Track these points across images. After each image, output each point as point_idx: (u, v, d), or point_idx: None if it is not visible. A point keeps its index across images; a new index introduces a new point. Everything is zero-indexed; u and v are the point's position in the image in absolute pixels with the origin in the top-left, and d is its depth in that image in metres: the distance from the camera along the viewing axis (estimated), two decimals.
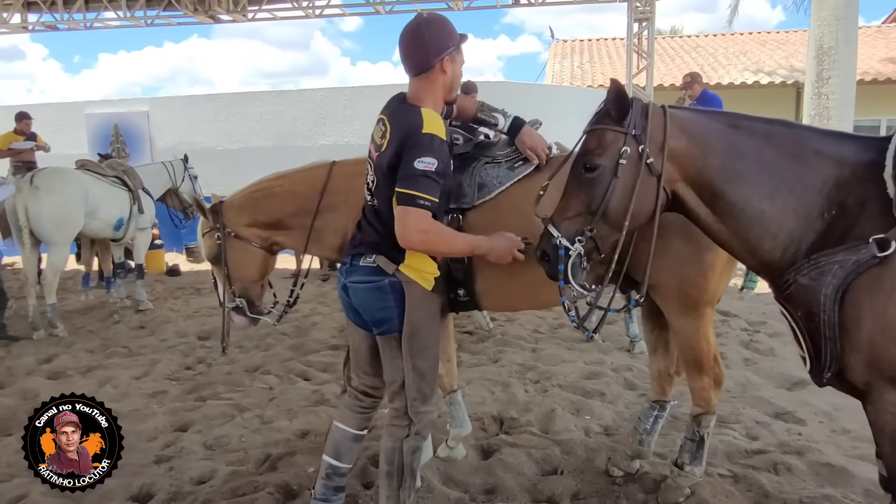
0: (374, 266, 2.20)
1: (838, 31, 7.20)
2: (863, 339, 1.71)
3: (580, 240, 1.92)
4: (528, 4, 11.34)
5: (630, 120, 1.91)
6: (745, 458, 3.16)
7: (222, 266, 2.87)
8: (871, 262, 1.68)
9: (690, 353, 2.57)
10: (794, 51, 14.84)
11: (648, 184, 1.91)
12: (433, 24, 2.15)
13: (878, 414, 1.77)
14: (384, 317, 2.22)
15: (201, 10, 11.10)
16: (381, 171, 2.16)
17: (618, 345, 5.20)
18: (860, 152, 1.84)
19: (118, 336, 5.89)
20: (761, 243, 1.89)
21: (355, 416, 2.50)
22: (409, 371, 2.23)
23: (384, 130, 2.18)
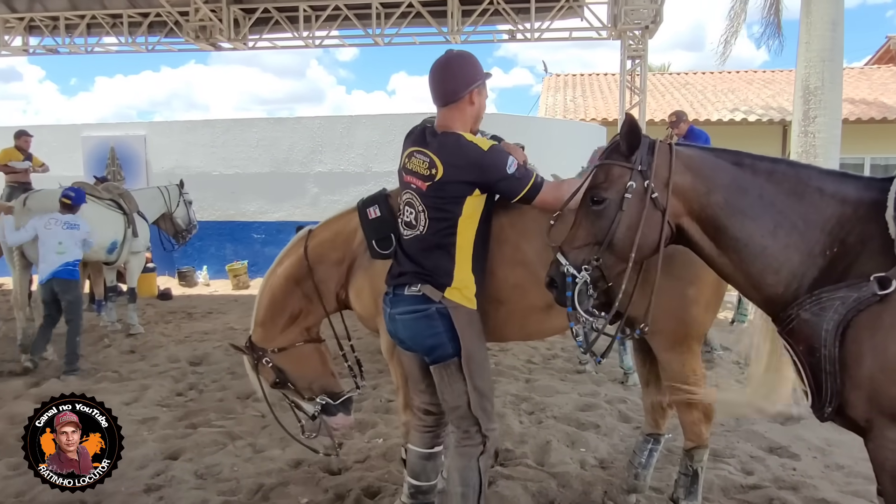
0: (419, 295, 2.25)
1: (824, 72, 7.35)
2: (863, 376, 1.72)
3: (587, 268, 1.96)
4: (524, 40, 11.54)
5: (637, 156, 1.96)
6: (741, 493, 3.14)
7: (285, 387, 2.90)
8: (871, 299, 1.69)
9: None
10: (780, 90, 15.16)
11: (653, 217, 1.95)
12: (463, 58, 2.30)
13: (878, 451, 1.76)
14: (435, 343, 2.26)
15: (203, 38, 11.20)
16: (440, 198, 2.23)
17: (611, 376, 5.18)
18: (861, 191, 1.87)
19: (108, 360, 5.81)
20: (764, 278, 1.91)
21: (422, 435, 2.56)
22: (472, 392, 2.26)
23: (429, 162, 2.23)
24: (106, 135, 11.41)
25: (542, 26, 11.29)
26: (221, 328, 7.24)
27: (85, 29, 11.98)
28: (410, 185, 2.31)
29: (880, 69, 16.79)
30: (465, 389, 2.25)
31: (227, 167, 11.22)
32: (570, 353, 5.84)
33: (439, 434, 2.57)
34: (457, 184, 2.21)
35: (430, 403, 2.48)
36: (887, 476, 1.74)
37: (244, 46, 11.91)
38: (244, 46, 11.91)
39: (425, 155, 2.26)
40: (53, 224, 5.41)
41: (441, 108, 2.30)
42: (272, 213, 11.19)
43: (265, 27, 11.69)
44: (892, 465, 1.72)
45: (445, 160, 2.21)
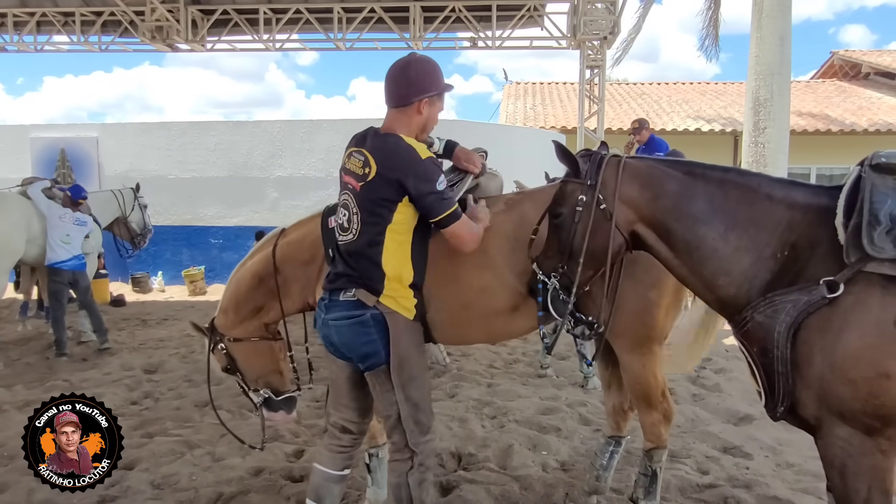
0: (353, 300, 2.19)
1: (773, 84, 7.64)
2: (813, 376, 1.78)
3: (555, 275, 2.13)
4: (486, 47, 11.63)
5: (585, 171, 2.12)
6: (697, 492, 3.21)
7: (236, 373, 2.90)
8: (821, 302, 1.76)
9: (639, 388, 2.62)
10: (732, 101, 15.66)
11: (604, 226, 2.08)
12: (423, 65, 2.25)
13: (827, 448, 1.82)
14: (369, 351, 2.20)
15: (159, 38, 10.94)
16: (370, 199, 2.17)
17: (571, 380, 5.25)
18: (811, 198, 1.94)
19: (59, 369, 5.60)
20: (716, 279, 1.99)
21: (334, 455, 2.40)
22: (403, 402, 2.20)
23: (363, 160, 2.19)
24: (56, 136, 11.03)
25: (503, 34, 11.41)
26: (177, 335, 7.06)
27: (35, 27, 11.56)
28: (347, 185, 2.25)
29: (825, 83, 17.51)
30: (394, 399, 2.20)
31: (184, 171, 10.97)
32: (532, 358, 5.89)
33: (353, 455, 2.45)
34: (387, 185, 2.14)
35: (350, 421, 2.39)
36: (836, 472, 1.81)
37: (202, 48, 11.68)
38: (202, 48, 11.68)
39: (361, 154, 2.21)
40: (67, 218, 6.05)
41: (390, 108, 2.26)
42: (230, 217, 10.98)
43: (224, 29, 11.49)
44: (841, 461, 1.79)
45: (379, 160, 2.16)
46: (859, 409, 1.72)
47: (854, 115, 14.13)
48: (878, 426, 1.73)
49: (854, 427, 1.75)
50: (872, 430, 1.74)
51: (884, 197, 1.75)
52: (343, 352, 2.27)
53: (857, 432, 1.75)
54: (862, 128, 13.38)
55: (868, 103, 15.10)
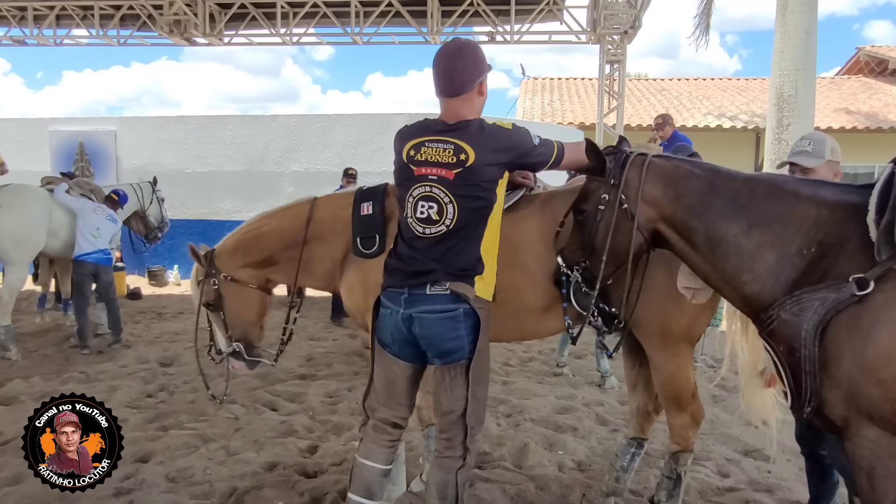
0: (447, 293, 2.14)
1: (797, 81, 7.52)
2: (842, 376, 1.75)
3: (577, 269, 2.21)
4: (504, 42, 11.59)
5: (611, 171, 2.14)
6: (718, 495, 3.17)
7: (218, 312, 2.86)
8: (850, 300, 1.73)
9: (670, 389, 2.59)
10: (754, 97, 15.46)
11: (626, 225, 2.11)
12: (473, 48, 2.25)
13: (855, 449, 1.79)
14: (455, 346, 2.17)
15: (177, 32, 11.03)
16: (472, 184, 2.14)
17: (588, 379, 5.21)
18: (839, 195, 1.92)
19: (75, 361, 5.66)
20: (739, 276, 1.97)
21: (384, 450, 2.36)
22: (471, 398, 2.19)
23: (454, 148, 2.14)
24: (74, 129, 11.15)
25: (521, 29, 11.36)
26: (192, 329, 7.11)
27: (54, 20, 11.71)
28: (429, 175, 2.16)
29: (850, 79, 17.23)
30: (465, 395, 2.17)
31: (201, 165, 11.05)
32: (548, 356, 5.86)
33: (398, 448, 2.45)
34: (490, 167, 2.14)
35: (403, 417, 2.36)
36: (863, 474, 1.78)
37: (219, 42, 11.76)
38: (219, 42, 11.76)
39: (446, 143, 2.15)
40: (100, 212, 6.22)
41: (449, 97, 2.20)
42: (246, 211, 11.00)
43: (241, 23, 11.57)
44: (869, 463, 1.76)
45: (475, 144, 2.13)
46: (889, 409, 1.70)
47: (881, 112, 13.88)
48: None
49: (883, 428, 1.72)
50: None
51: None
52: (421, 345, 2.21)
53: (886, 434, 1.72)
54: (889, 125, 13.14)
55: (895, 100, 14.83)
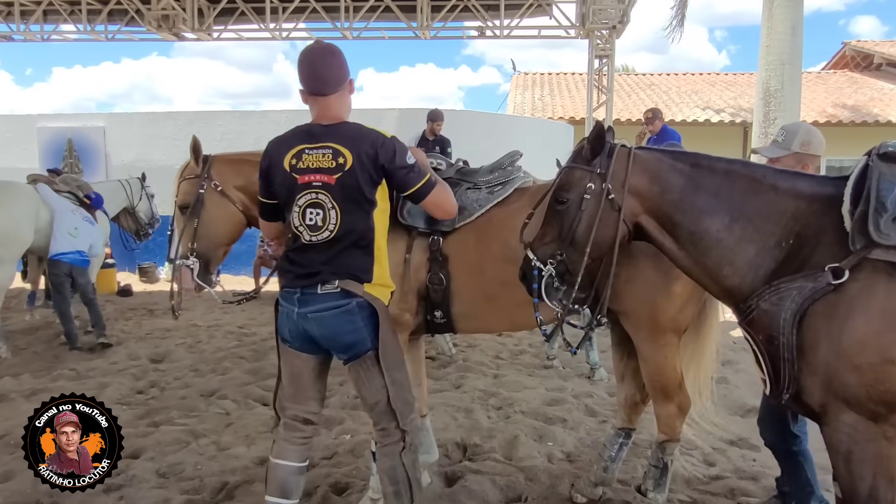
0: (337, 291, 2.17)
1: (784, 75, 7.57)
2: (819, 363, 1.79)
3: (552, 263, 2.11)
4: (493, 37, 11.57)
5: (598, 160, 2.11)
6: (704, 484, 3.21)
7: (192, 217, 2.62)
8: (826, 289, 1.77)
9: (658, 379, 2.61)
10: (742, 92, 15.53)
11: (611, 216, 2.09)
12: (337, 49, 2.28)
13: (833, 434, 1.83)
14: (355, 339, 2.20)
15: (165, 27, 10.94)
16: (353, 187, 2.16)
17: (578, 371, 5.24)
18: (815, 188, 1.96)
19: (65, 358, 5.64)
20: (720, 269, 2.00)
21: (298, 448, 2.37)
22: (391, 385, 2.23)
23: (332, 152, 2.15)
24: (63, 126, 11.05)
25: (511, 24, 11.35)
26: (184, 325, 7.09)
27: (41, 15, 11.58)
28: (312, 183, 2.17)
29: (836, 74, 17.34)
30: (383, 383, 2.22)
31: None
32: (538, 349, 5.89)
33: (312, 445, 2.46)
34: (367, 170, 2.15)
35: (313, 412, 2.37)
36: (841, 458, 1.82)
37: (208, 37, 11.67)
38: (208, 37, 11.67)
39: (325, 148, 2.16)
40: (78, 213, 6.13)
41: (324, 95, 2.21)
42: None
43: (230, 18, 11.47)
44: (846, 448, 1.80)
45: (352, 147, 2.15)
46: (865, 395, 1.73)
47: (866, 106, 13.99)
48: (884, 412, 1.74)
49: (860, 413, 1.76)
50: (878, 417, 1.75)
51: (891, 185, 1.77)
52: (322, 344, 2.24)
53: (863, 419, 1.76)
54: (874, 118, 13.25)
55: (880, 94, 14.95)
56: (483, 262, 2.60)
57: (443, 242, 2.62)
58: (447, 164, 2.81)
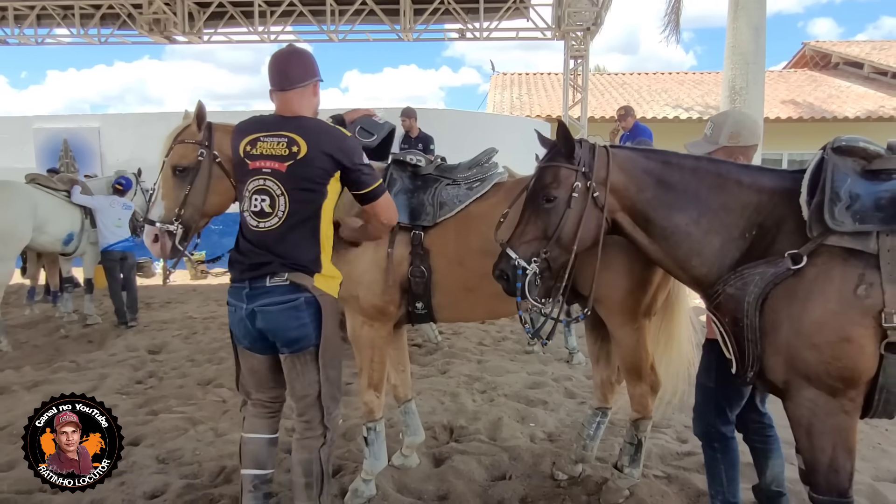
0: (286, 284, 2.11)
1: (748, 74, 7.63)
2: (781, 342, 1.83)
3: (535, 261, 2.05)
4: (473, 38, 11.55)
5: (580, 158, 2.08)
6: (677, 459, 3.25)
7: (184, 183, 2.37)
8: (786, 273, 1.81)
9: (631, 361, 2.64)
10: (709, 90, 15.65)
11: (594, 213, 2.09)
12: (309, 53, 2.29)
13: (795, 409, 1.87)
14: (300, 335, 2.15)
15: (157, 31, 10.77)
16: (302, 177, 2.11)
17: (557, 356, 5.28)
18: (776, 181, 2.01)
19: (65, 350, 5.57)
20: (689, 260, 2.04)
21: (267, 421, 2.36)
22: (324, 382, 2.19)
23: (287, 141, 2.12)
24: (59, 127, 10.87)
25: (490, 26, 11.33)
26: (180, 317, 7.03)
27: (35, 19, 11.34)
28: (262, 169, 2.13)
29: (797, 73, 17.53)
30: (317, 379, 2.17)
31: None
32: (519, 335, 5.92)
33: (280, 418, 2.42)
34: (320, 161, 2.12)
35: (276, 397, 2.36)
36: (803, 431, 1.86)
37: (199, 40, 11.52)
38: (199, 40, 11.52)
39: (281, 136, 2.13)
40: (116, 204, 6.47)
41: (286, 91, 2.19)
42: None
43: (220, 21, 11.34)
44: (808, 421, 1.84)
45: (308, 138, 2.12)
46: (824, 371, 1.77)
47: (824, 104, 14.17)
48: (841, 388, 1.78)
49: (819, 389, 1.80)
50: (836, 392, 1.79)
51: (844, 176, 1.82)
52: (268, 336, 2.18)
53: (823, 394, 1.80)
54: (832, 115, 13.42)
55: (837, 92, 15.14)
56: (462, 256, 2.59)
57: (424, 237, 2.61)
58: (426, 161, 2.79)
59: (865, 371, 1.76)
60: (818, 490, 1.85)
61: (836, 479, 1.82)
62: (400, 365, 3.08)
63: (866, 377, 1.77)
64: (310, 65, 2.24)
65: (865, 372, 1.76)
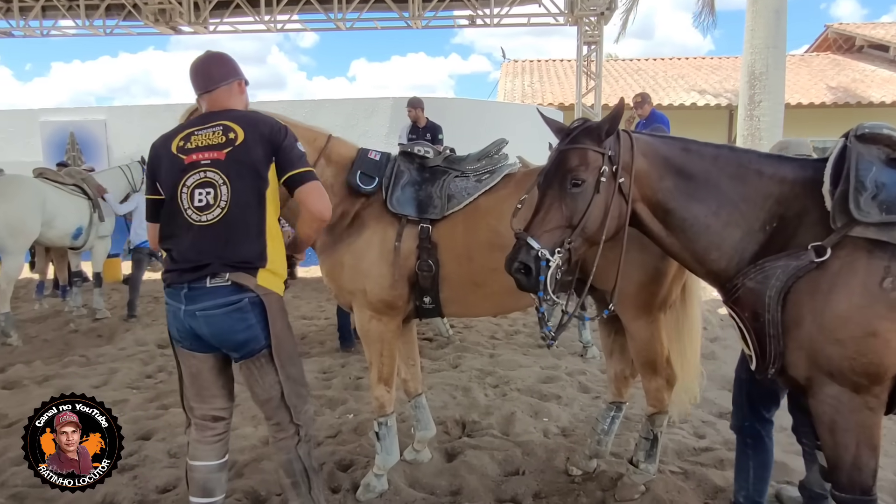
0: (227, 285, 2.03)
1: (768, 58, 7.54)
2: (804, 338, 1.81)
3: (559, 251, 1.90)
4: (484, 25, 11.46)
5: (607, 142, 1.99)
6: (694, 455, 3.25)
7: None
8: (809, 266, 1.79)
9: (645, 355, 2.63)
10: (727, 75, 15.47)
11: (618, 201, 2.00)
12: (229, 55, 2.27)
13: (818, 406, 1.85)
14: (247, 337, 2.08)
15: (162, 21, 10.81)
16: (242, 162, 2.06)
17: (571, 350, 5.27)
18: (798, 171, 1.97)
19: (75, 344, 5.64)
20: (708, 254, 2.00)
21: (213, 447, 2.26)
22: (285, 381, 2.15)
23: (223, 128, 2.09)
24: (65, 119, 10.96)
25: (501, 12, 11.24)
26: None
27: (40, 11, 11.41)
28: (201, 161, 2.06)
29: (819, 57, 17.28)
30: (277, 380, 2.13)
31: None
32: (532, 329, 5.92)
33: (228, 440, 2.33)
34: (258, 146, 2.07)
35: (222, 408, 2.26)
36: (826, 429, 1.84)
37: (205, 30, 11.53)
38: (205, 30, 11.53)
39: (214, 126, 2.09)
40: None
41: (212, 91, 2.17)
42: None
43: (226, 11, 11.32)
44: (830, 418, 1.82)
45: (245, 124, 2.10)
46: (848, 367, 1.75)
47: (848, 88, 13.96)
48: (866, 384, 1.76)
49: (843, 385, 1.78)
50: (860, 388, 1.77)
51: (869, 165, 1.78)
52: (212, 343, 2.11)
53: (846, 390, 1.78)
54: (857, 99, 13.23)
55: (862, 76, 14.91)
56: (471, 250, 2.59)
57: (432, 230, 2.60)
58: (434, 152, 2.78)
59: (891, 366, 1.74)
60: (841, 487, 1.84)
61: (860, 477, 1.80)
62: (410, 359, 3.10)
63: (892, 373, 1.75)
64: (231, 64, 2.23)
65: (891, 367, 1.74)
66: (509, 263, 1.92)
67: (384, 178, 2.69)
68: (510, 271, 1.93)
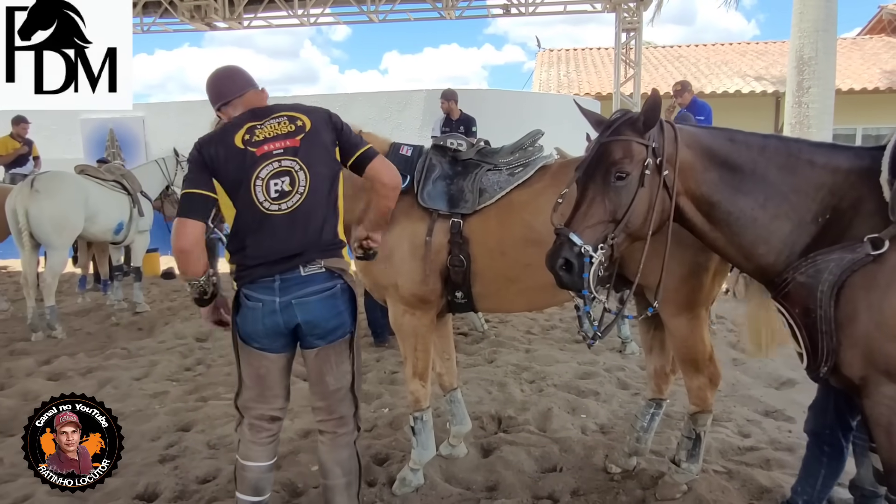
0: (322, 272, 2.07)
1: (818, 42, 7.30)
2: (859, 335, 1.75)
3: (602, 247, 1.86)
4: (519, 14, 11.39)
5: (650, 133, 1.94)
6: (738, 454, 3.19)
7: None
8: (865, 259, 1.73)
9: (686, 352, 2.58)
10: (774, 61, 15.04)
11: (662, 195, 1.96)
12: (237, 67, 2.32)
13: (874, 407, 1.79)
14: (338, 323, 2.12)
15: (197, 18, 11.05)
16: (317, 145, 2.11)
17: (609, 345, 5.22)
18: (853, 160, 1.90)
19: (116, 337, 5.83)
20: (755, 248, 1.95)
21: (266, 448, 2.27)
22: (356, 371, 2.18)
23: (288, 118, 2.13)
24: (105, 117, 11.29)
25: (536, 0, 11.14)
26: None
27: None
28: (273, 151, 2.06)
29: (872, 39, 16.65)
30: (350, 369, 2.15)
31: None
32: (569, 324, 5.87)
33: (279, 441, 2.35)
34: (324, 130, 2.14)
35: (280, 408, 2.27)
36: (882, 431, 1.79)
37: (239, 26, 11.75)
38: (239, 26, 11.75)
39: (278, 117, 2.12)
40: None
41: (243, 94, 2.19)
42: None
43: (259, 6, 11.52)
44: (887, 420, 1.76)
45: (305, 112, 2.15)
46: None
47: None
48: None
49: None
50: None
51: None
52: (303, 329, 2.11)
53: None
54: None
55: None
56: (504, 245, 2.57)
57: (463, 225, 2.60)
58: (468, 145, 2.77)
59: None
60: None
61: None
62: (445, 353, 3.11)
63: None
64: (249, 74, 2.27)
65: None
66: (551, 260, 1.88)
67: (415, 171, 2.70)
68: (552, 268, 1.87)
